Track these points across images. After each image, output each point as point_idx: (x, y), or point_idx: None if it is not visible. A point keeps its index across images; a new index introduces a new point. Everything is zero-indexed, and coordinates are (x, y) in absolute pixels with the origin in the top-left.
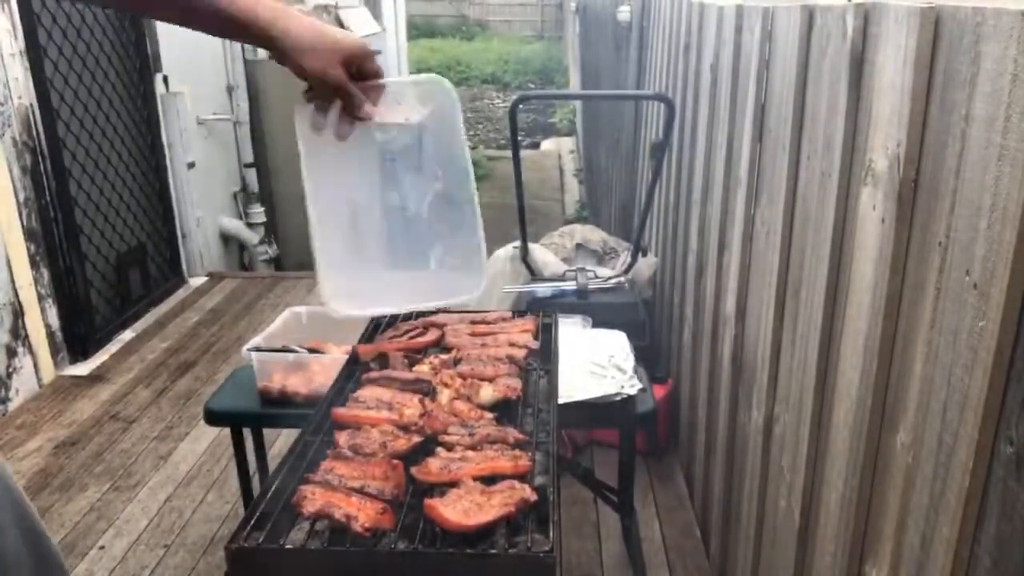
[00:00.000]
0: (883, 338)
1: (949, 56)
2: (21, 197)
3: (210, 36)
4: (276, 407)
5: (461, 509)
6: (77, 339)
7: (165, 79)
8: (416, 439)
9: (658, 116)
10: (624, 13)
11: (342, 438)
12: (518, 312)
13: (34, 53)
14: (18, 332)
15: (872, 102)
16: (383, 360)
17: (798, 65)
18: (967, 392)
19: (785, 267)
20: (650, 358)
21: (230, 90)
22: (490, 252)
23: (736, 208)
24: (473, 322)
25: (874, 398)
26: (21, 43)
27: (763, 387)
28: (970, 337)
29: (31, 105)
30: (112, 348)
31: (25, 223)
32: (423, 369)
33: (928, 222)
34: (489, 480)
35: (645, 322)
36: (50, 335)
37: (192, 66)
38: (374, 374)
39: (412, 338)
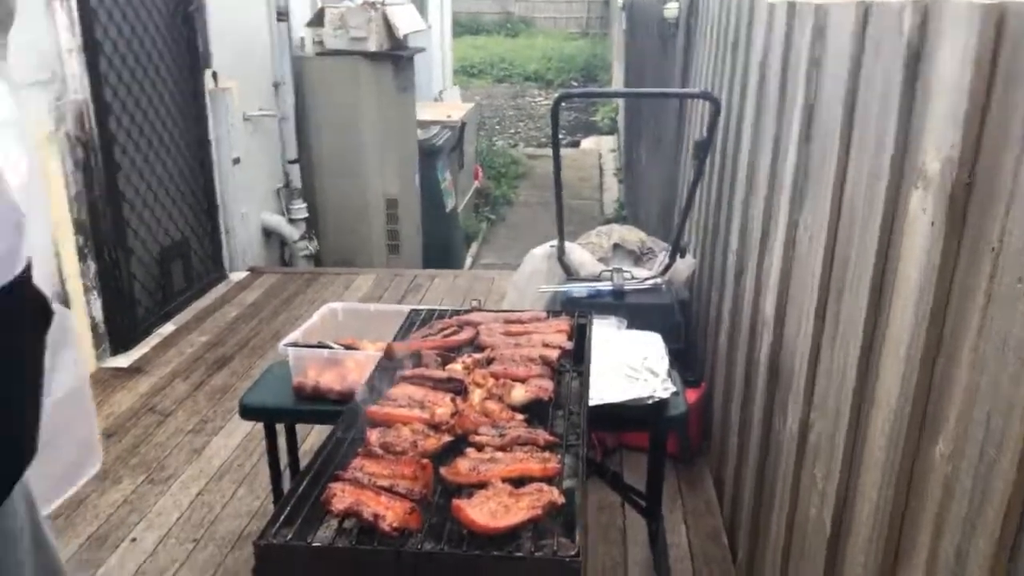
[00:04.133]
0: (926, 345)
1: (1012, 55)
2: (72, 191)
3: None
4: (310, 403)
5: (488, 511)
6: (119, 331)
7: (214, 75)
8: (446, 439)
9: (703, 114)
10: (671, 9)
11: (373, 436)
12: (553, 312)
13: (90, 49)
14: None
15: (927, 103)
16: (416, 358)
17: (850, 64)
18: (1013, 402)
19: (828, 270)
20: (685, 361)
21: (276, 86)
22: (527, 251)
23: (780, 209)
24: (507, 321)
25: (914, 407)
26: (79, 39)
27: (799, 393)
28: (1019, 345)
29: (85, 100)
30: (152, 341)
31: (75, 216)
32: (456, 368)
33: (981, 226)
34: (518, 482)
35: (681, 324)
36: (93, 327)
37: (241, 62)
38: (407, 372)
39: (446, 336)
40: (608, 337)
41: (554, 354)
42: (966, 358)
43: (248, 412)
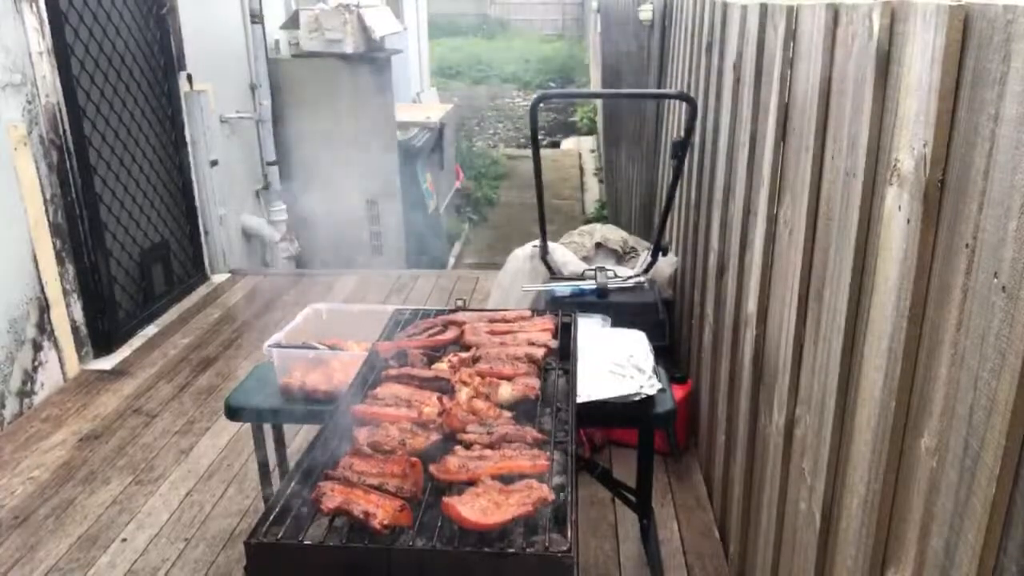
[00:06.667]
0: (907, 340)
1: (978, 55)
2: (48, 194)
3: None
4: (296, 403)
5: (479, 508)
6: (101, 334)
7: (189, 77)
8: (435, 437)
9: (680, 115)
10: (646, 12)
11: (361, 435)
12: (537, 311)
13: (61, 51)
14: (44, 327)
15: (898, 101)
16: (402, 357)
17: (823, 64)
18: (994, 396)
19: (808, 267)
20: (670, 358)
21: (252, 88)
22: (509, 251)
23: (759, 208)
24: (492, 320)
25: (898, 401)
26: (49, 42)
27: (784, 388)
28: (998, 340)
29: (58, 103)
30: (135, 343)
31: (51, 219)
32: (442, 367)
33: (955, 223)
34: (507, 479)
35: (665, 322)
36: (75, 330)
37: (216, 64)
38: (393, 371)
39: (431, 336)
40: (593, 335)
41: (540, 352)
42: (947, 353)
43: (234, 413)
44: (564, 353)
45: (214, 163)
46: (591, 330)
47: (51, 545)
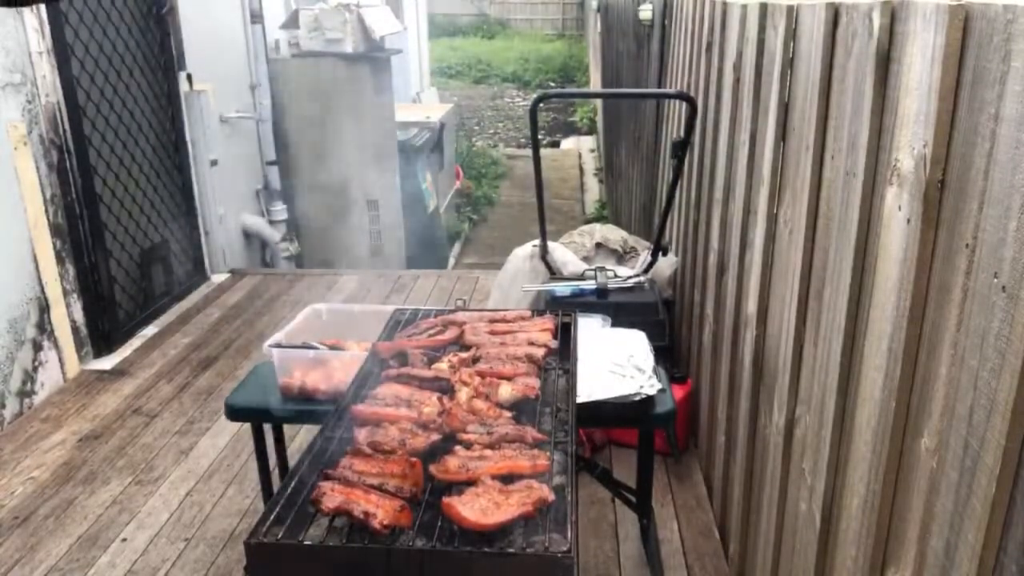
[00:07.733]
0: (908, 340)
1: (979, 54)
2: (48, 194)
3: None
4: (296, 403)
5: (479, 508)
6: (101, 334)
7: (189, 77)
8: (435, 437)
9: (680, 115)
10: (646, 11)
11: (361, 435)
12: (537, 311)
13: (61, 51)
14: (44, 326)
15: (898, 101)
16: (402, 357)
17: (822, 64)
18: (994, 396)
19: (808, 267)
20: (670, 358)
21: (253, 88)
22: (509, 251)
23: (759, 207)
24: (492, 320)
25: (898, 401)
26: (49, 41)
27: (784, 388)
28: (998, 340)
29: (58, 103)
30: (135, 343)
31: (51, 219)
32: (442, 367)
33: (955, 223)
34: (507, 479)
35: (665, 322)
36: (75, 330)
37: (216, 64)
38: (393, 371)
39: (431, 336)
40: (593, 335)
41: (540, 352)
42: (946, 353)
43: (234, 413)
44: (564, 353)
45: (214, 163)
46: (591, 330)
47: (51, 545)
